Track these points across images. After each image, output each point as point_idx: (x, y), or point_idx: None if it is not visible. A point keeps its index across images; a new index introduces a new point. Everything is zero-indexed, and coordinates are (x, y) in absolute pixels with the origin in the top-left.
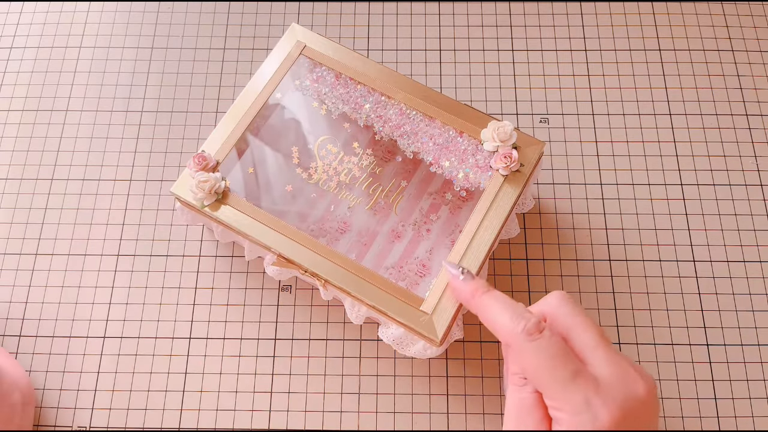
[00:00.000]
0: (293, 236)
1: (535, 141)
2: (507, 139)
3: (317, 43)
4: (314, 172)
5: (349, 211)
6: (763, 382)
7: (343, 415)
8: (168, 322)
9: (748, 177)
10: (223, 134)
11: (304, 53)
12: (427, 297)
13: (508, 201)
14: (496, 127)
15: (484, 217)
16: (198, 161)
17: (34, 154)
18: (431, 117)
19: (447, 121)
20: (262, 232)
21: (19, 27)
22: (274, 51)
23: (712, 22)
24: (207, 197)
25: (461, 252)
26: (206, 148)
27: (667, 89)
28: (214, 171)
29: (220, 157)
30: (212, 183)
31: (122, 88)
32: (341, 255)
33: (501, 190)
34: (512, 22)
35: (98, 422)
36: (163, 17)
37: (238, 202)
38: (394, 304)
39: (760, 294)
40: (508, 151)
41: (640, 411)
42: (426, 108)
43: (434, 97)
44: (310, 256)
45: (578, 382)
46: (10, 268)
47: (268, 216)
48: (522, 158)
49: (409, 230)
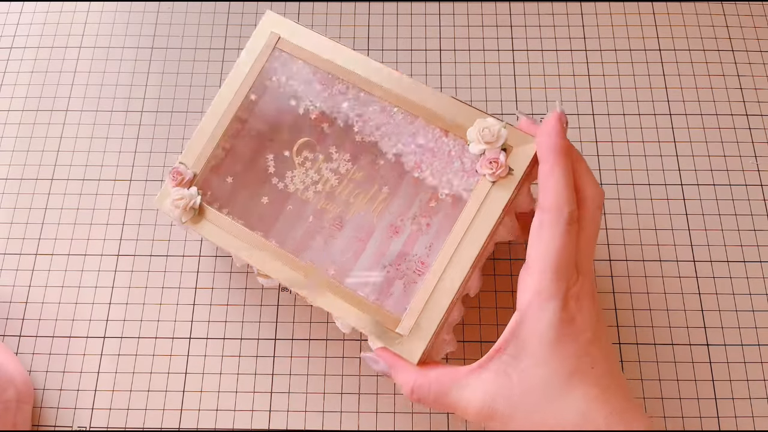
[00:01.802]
0: (270, 252)
1: (529, 139)
2: (494, 140)
3: (293, 34)
4: (290, 182)
5: (330, 221)
6: (763, 382)
7: (343, 415)
8: (168, 322)
9: (748, 177)
10: (200, 143)
11: (278, 46)
12: (403, 318)
13: (495, 209)
14: (481, 128)
15: (467, 229)
16: (174, 176)
17: (34, 154)
18: (415, 115)
19: (431, 118)
20: (238, 248)
21: (19, 27)
22: (248, 44)
23: (713, 22)
24: (184, 214)
25: (441, 270)
26: (184, 158)
27: (668, 89)
28: (191, 185)
29: (198, 168)
30: (186, 201)
31: (122, 88)
32: (318, 272)
33: (488, 197)
34: (512, 22)
35: (98, 422)
36: (163, 17)
37: (215, 216)
38: (370, 325)
39: (760, 294)
40: (494, 155)
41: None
42: (408, 104)
43: (419, 91)
44: (287, 273)
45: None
46: (10, 268)
47: (244, 231)
48: (513, 159)
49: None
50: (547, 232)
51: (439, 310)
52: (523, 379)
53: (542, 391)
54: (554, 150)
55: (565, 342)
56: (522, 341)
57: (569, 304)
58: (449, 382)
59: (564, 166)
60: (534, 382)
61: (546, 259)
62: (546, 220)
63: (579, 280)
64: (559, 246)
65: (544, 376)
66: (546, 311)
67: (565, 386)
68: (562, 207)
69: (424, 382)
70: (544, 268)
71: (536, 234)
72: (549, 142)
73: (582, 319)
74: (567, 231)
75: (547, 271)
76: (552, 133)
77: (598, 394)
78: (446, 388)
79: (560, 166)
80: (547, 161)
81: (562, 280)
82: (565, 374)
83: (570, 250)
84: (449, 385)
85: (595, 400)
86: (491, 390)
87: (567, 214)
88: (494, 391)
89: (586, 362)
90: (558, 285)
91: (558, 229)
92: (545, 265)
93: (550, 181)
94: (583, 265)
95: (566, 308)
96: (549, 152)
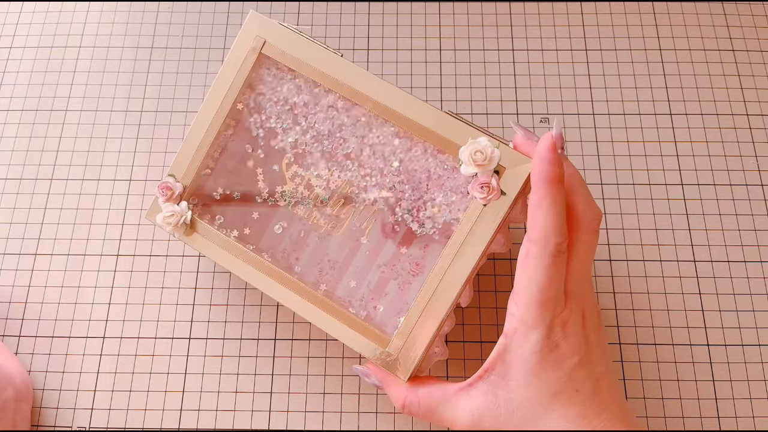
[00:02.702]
0: (261, 269)
1: (523, 158)
2: (485, 163)
3: (278, 38)
4: (280, 197)
5: (320, 238)
6: (763, 382)
7: (343, 416)
8: (167, 322)
9: (748, 177)
10: (188, 155)
11: (263, 51)
12: (393, 338)
13: (487, 230)
14: (473, 150)
15: (457, 252)
16: (163, 192)
17: (33, 154)
18: (406, 130)
19: (423, 133)
20: (231, 263)
21: (19, 27)
22: (232, 49)
23: (713, 22)
24: (175, 230)
25: (429, 294)
26: (173, 170)
27: (668, 89)
28: (182, 199)
29: (187, 180)
30: (177, 217)
31: (122, 88)
32: (308, 290)
33: (479, 220)
34: (512, 22)
35: (98, 422)
36: (163, 17)
37: (207, 231)
38: (360, 343)
39: (761, 294)
40: (486, 178)
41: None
42: (399, 118)
43: (411, 104)
44: (277, 290)
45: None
46: (10, 268)
47: (235, 245)
48: (506, 181)
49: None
50: (532, 263)
51: (430, 330)
52: (509, 399)
53: (525, 411)
54: (545, 179)
55: (547, 368)
56: (507, 365)
57: (554, 332)
58: (439, 399)
59: (553, 197)
60: (518, 402)
61: (530, 291)
62: (532, 252)
63: (567, 306)
64: (542, 279)
65: (527, 396)
66: (529, 340)
67: (547, 407)
68: (549, 239)
69: (414, 399)
70: (528, 301)
71: (522, 264)
72: (540, 170)
73: (568, 345)
74: (552, 264)
75: (532, 303)
76: (545, 160)
77: (579, 412)
78: (435, 405)
79: (549, 198)
80: (537, 191)
81: (547, 311)
82: (547, 396)
83: (556, 282)
84: (439, 403)
85: (576, 419)
86: (478, 409)
87: (553, 246)
88: (481, 411)
89: (569, 386)
90: (542, 315)
91: (543, 262)
92: (529, 298)
93: (537, 212)
94: (574, 288)
95: (550, 336)
96: (540, 182)
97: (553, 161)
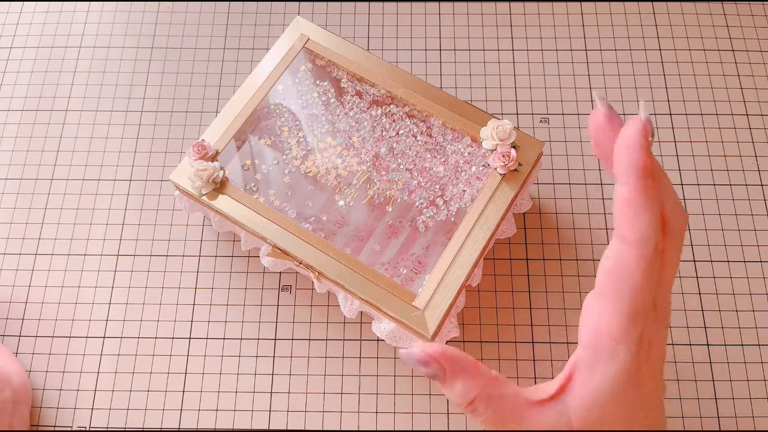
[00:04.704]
0: (289, 228)
1: (534, 141)
2: (506, 137)
3: (320, 37)
4: (312, 165)
5: (347, 205)
6: (763, 382)
7: (343, 415)
8: (168, 322)
9: (748, 177)
10: (224, 124)
11: (307, 46)
12: (420, 292)
13: (504, 200)
14: (496, 126)
15: (480, 215)
16: (197, 150)
17: (33, 154)
18: (429, 119)
19: (448, 118)
20: (258, 223)
21: (19, 27)
22: (277, 43)
23: (713, 22)
24: (205, 186)
25: (455, 249)
26: (206, 137)
27: (668, 89)
28: (213, 160)
29: (220, 146)
30: (210, 172)
31: (122, 88)
32: (336, 248)
33: (498, 189)
34: (512, 22)
35: (98, 422)
36: (163, 17)
37: (235, 192)
38: (386, 299)
39: (760, 294)
40: (506, 149)
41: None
42: (427, 105)
43: (436, 95)
44: (305, 249)
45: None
46: (10, 268)
47: (264, 207)
48: (521, 158)
49: (406, 226)
50: (627, 267)
51: (453, 287)
52: (581, 424)
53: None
54: (638, 170)
55: (627, 391)
56: (585, 383)
57: (641, 351)
58: (510, 410)
59: (651, 195)
60: (590, 427)
61: (623, 298)
62: (626, 253)
63: (656, 319)
64: (639, 285)
65: (600, 422)
66: (615, 357)
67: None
68: (649, 239)
69: (484, 401)
70: (620, 310)
71: (613, 265)
72: (630, 159)
73: (648, 368)
74: (649, 269)
75: (623, 314)
76: (635, 148)
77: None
78: (503, 413)
79: (646, 195)
80: (628, 183)
81: (639, 324)
82: (619, 422)
83: (650, 288)
84: (507, 411)
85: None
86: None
87: (654, 247)
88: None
89: (640, 414)
90: (633, 328)
91: (641, 264)
92: (621, 306)
93: (630, 209)
94: (661, 300)
95: (637, 355)
96: (631, 172)
97: (644, 148)
